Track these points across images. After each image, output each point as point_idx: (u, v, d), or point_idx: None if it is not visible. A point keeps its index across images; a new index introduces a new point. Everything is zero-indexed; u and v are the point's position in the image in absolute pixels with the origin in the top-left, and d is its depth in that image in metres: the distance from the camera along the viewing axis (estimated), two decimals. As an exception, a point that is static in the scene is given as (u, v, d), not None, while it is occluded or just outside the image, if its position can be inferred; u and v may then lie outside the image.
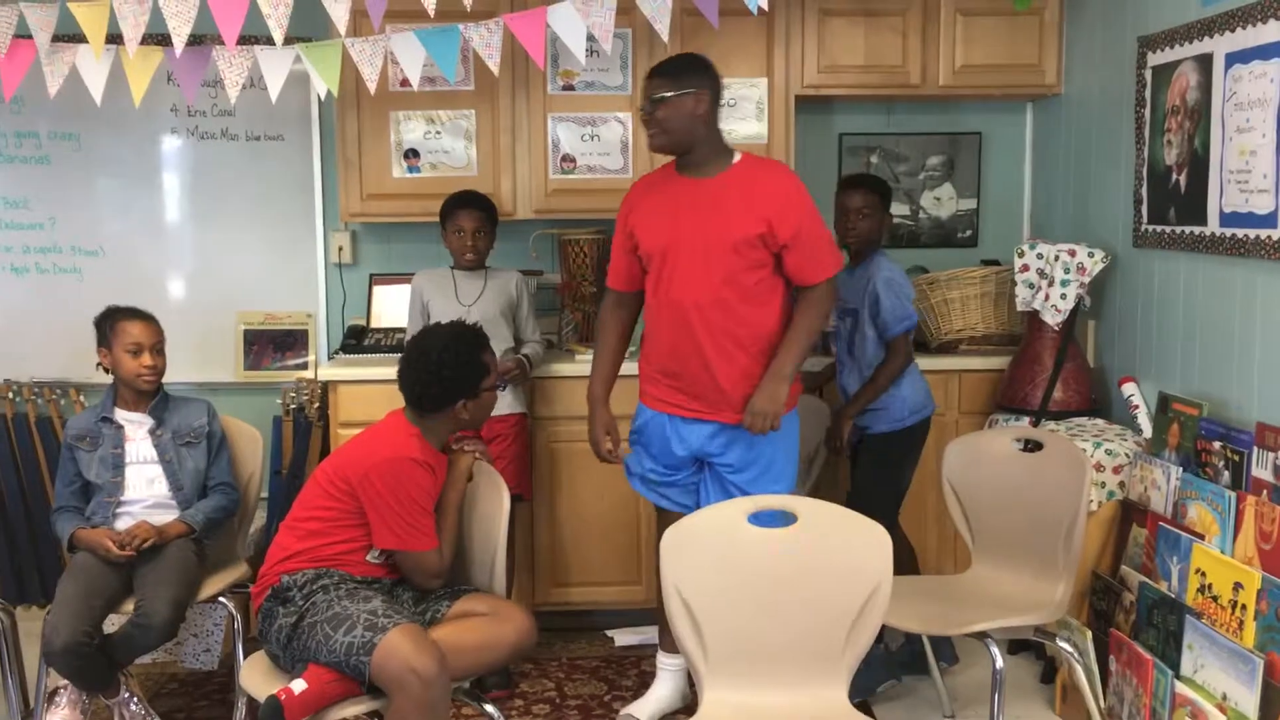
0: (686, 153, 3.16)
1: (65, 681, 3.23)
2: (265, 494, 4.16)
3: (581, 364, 4.03)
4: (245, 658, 2.93)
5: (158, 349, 3.38)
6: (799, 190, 3.15)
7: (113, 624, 3.18)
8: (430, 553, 2.84)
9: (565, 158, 4.21)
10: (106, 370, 3.40)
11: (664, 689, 3.48)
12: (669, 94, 3.09)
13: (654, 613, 3.58)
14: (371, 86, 3.58)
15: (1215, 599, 2.85)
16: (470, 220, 3.80)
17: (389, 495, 2.78)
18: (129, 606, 3.13)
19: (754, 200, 3.09)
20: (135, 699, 3.29)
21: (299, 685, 2.58)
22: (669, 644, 3.42)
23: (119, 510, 3.31)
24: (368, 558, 2.86)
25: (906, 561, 3.72)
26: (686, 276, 3.12)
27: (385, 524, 2.79)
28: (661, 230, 3.17)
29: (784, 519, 2.58)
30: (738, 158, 3.19)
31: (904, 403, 3.64)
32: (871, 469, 3.67)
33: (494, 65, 3.56)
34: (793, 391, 3.19)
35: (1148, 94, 3.57)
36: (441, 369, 2.88)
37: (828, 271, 3.16)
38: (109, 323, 3.36)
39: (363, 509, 2.81)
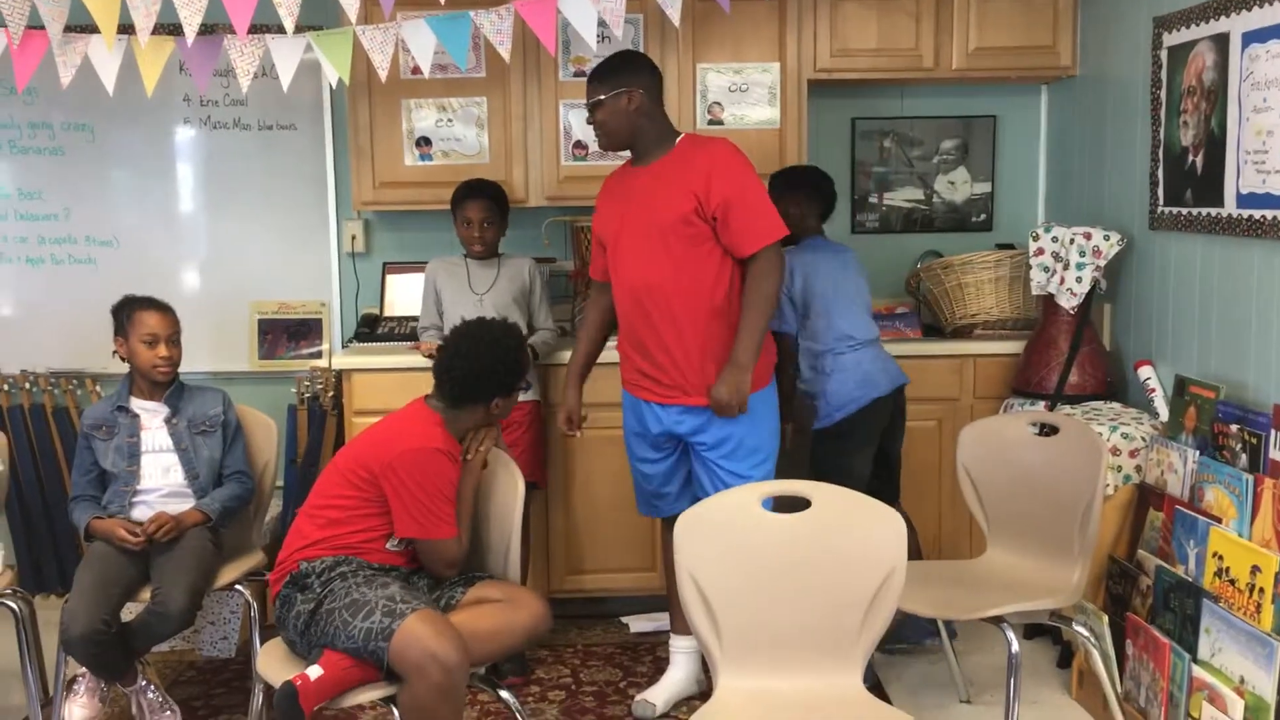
0: (631, 147, 3.27)
1: (84, 669, 3.25)
2: (280, 482, 4.17)
3: (595, 351, 4.04)
4: (262, 645, 2.94)
5: (173, 340, 3.38)
6: (729, 163, 3.16)
7: (130, 612, 3.19)
8: (450, 541, 2.85)
9: (577, 144, 4.20)
10: (123, 359, 3.41)
11: (679, 673, 3.49)
12: (602, 97, 3.20)
13: (667, 596, 3.58)
14: (383, 74, 3.58)
15: (1233, 582, 2.84)
16: (477, 211, 3.80)
17: (413, 485, 2.78)
18: (146, 594, 3.15)
19: (685, 177, 3.16)
20: (153, 687, 3.31)
21: (315, 671, 2.59)
22: (681, 626, 3.43)
23: (135, 499, 3.33)
24: (387, 546, 2.87)
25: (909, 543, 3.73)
26: (631, 260, 3.22)
27: (408, 513, 2.80)
28: (610, 218, 3.30)
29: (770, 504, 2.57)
30: (679, 139, 3.26)
31: (828, 400, 3.62)
32: (818, 465, 3.64)
33: (505, 52, 3.55)
34: (764, 367, 3.22)
35: (1163, 75, 3.54)
36: (491, 365, 2.90)
37: (762, 239, 3.13)
38: (126, 312, 3.37)
39: (383, 498, 2.81)
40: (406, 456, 2.79)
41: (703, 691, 3.49)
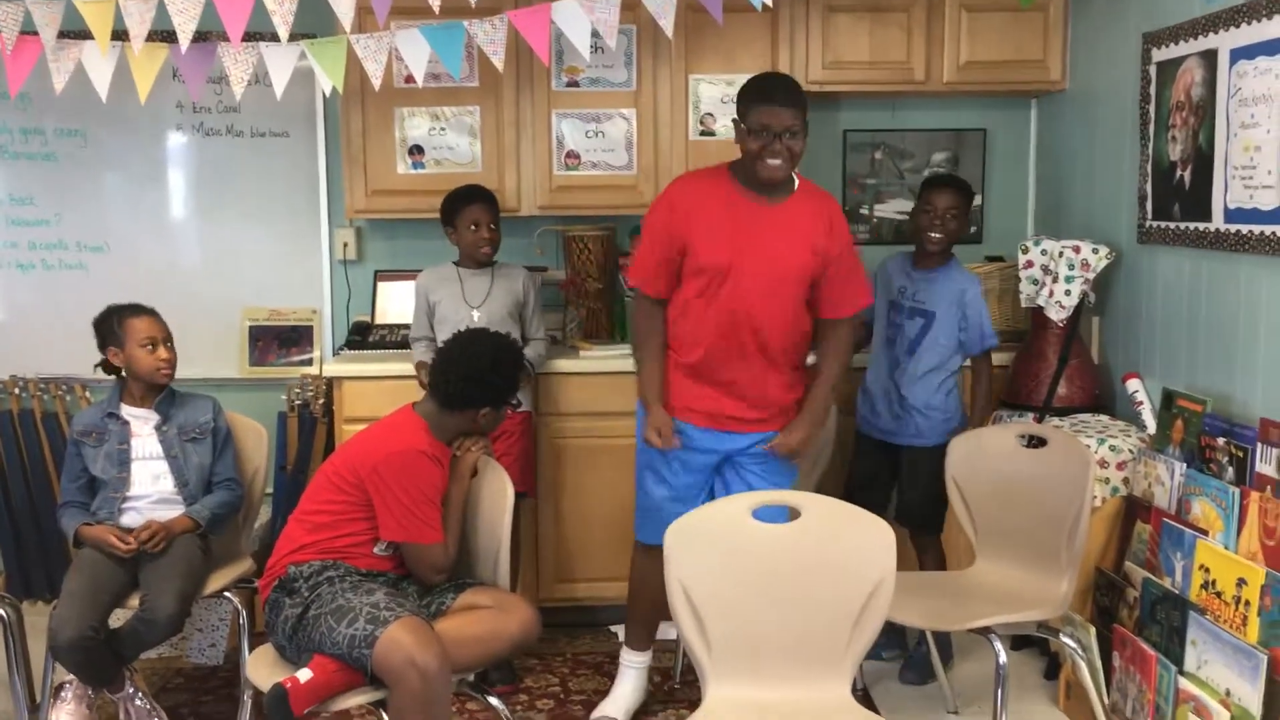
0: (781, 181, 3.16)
1: (71, 676, 3.24)
2: (270, 490, 4.17)
3: (586, 360, 4.05)
4: (250, 652, 2.94)
5: (169, 342, 3.39)
6: (843, 221, 3.27)
7: (118, 619, 3.18)
8: (436, 546, 2.85)
9: (570, 154, 4.22)
10: (116, 369, 3.40)
11: (629, 685, 3.48)
12: (806, 124, 3.12)
13: (625, 609, 3.56)
14: (376, 83, 3.59)
15: (1219, 595, 2.85)
16: (484, 212, 3.79)
17: (397, 488, 2.79)
18: (134, 601, 3.14)
19: (807, 226, 3.17)
20: (140, 694, 3.30)
21: (305, 674, 2.59)
22: (635, 641, 3.46)
23: (125, 506, 3.32)
24: (375, 550, 2.87)
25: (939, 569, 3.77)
26: (752, 296, 3.14)
27: (392, 516, 2.81)
28: (725, 246, 3.13)
29: (785, 515, 2.59)
30: (797, 184, 3.23)
31: (945, 412, 3.69)
32: (928, 481, 3.61)
33: (498, 62, 3.57)
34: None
35: (1152, 90, 3.57)
36: (486, 374, 2.92)
37: (863, 301, 3.30)
38: (115, 321, 3.36)
39: (370, 502, 2.82)
40: (391, 459, 2.81)
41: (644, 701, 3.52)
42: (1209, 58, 3.23)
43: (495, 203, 3.87)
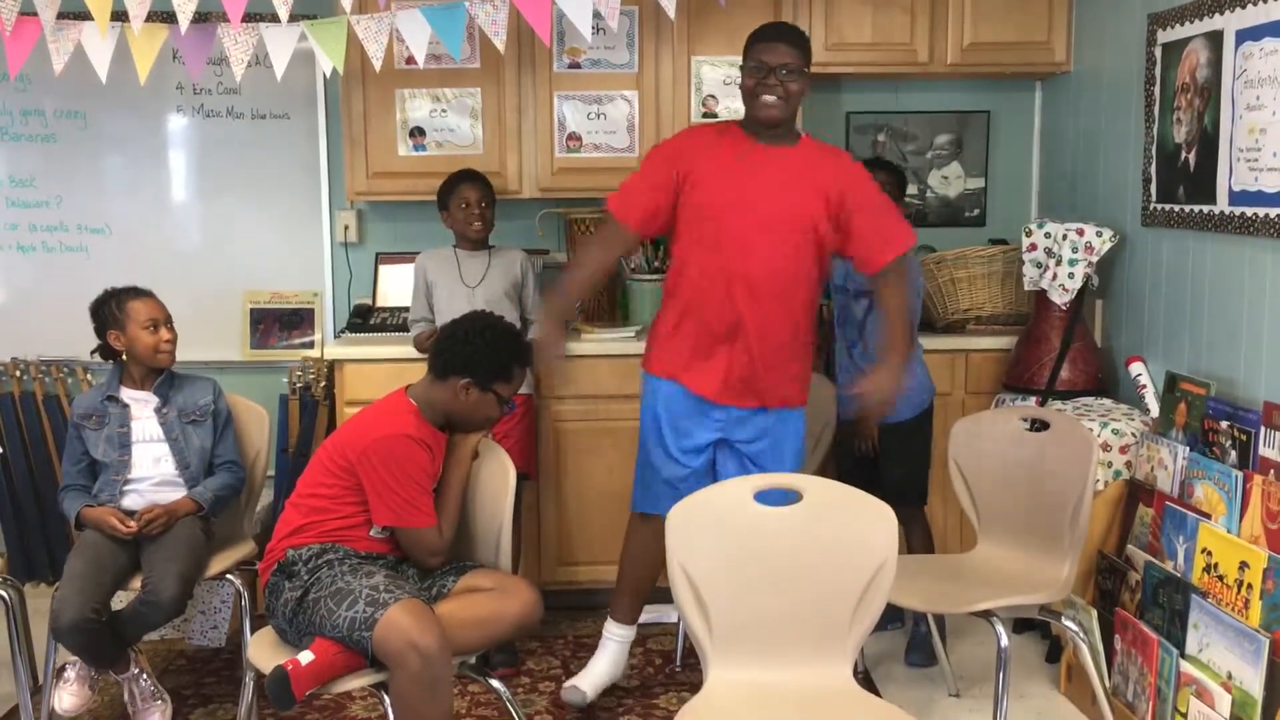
0: (778, 126, 3.14)
1: (74, 658, 3.25)
2: (272, 472, 4.17)
3: (588, 343, 4.04)
4: (252, 635, 2.94)
5: (170, 323, 3.39)
6: (860, 171, 3.22)
7: (121, 601, 3.19)
8: (429, 530, 2.85)
9: (571, 136, 4.20)
10: (105, 355, 3.40)
11: (607, 658, 3.40)
12: (807, 68, 3.11)
13: (616, 579, 3.48)
14: (377, 64, 3.58)
15: (1221, 578, 2.85)
16: (474, 191, 3.81)
17: (385, 473, 2.79)
18: (137, 583, 3.14)
19: (815, 178, 3.12)
20: (144, 675, 3.31)
21: (306, 656, 2.59)
22: (620, 613, 3.39)
23: (126, 488, 3.32)
24: (371, 533, 2.87)
25: (927, 549, 3.76)
26: (752, 232, 3.09)
27: (382, 501, 2.80)
28: (727, 188, 3.11)
29: (788, 497, 2.58)
30: (803, 134, 3.23)
31: (922, 385, 3.69)
32: (906, 458, 3.65)
33: (500, 43, 3.55)
34: (807, 385, 3.28)
35: (1157, 72, 3.55)
36: (472, 336, 2.90)
37: (907, 242, 3.20)
38: (115, 304, 3.35)
39: (362, 486, 2.82)
40: (379, 444, 2.80)
41: (626, 676, 3.51)
42: (1215, 39, 3.21)
43: (489, 186, 3.87)
